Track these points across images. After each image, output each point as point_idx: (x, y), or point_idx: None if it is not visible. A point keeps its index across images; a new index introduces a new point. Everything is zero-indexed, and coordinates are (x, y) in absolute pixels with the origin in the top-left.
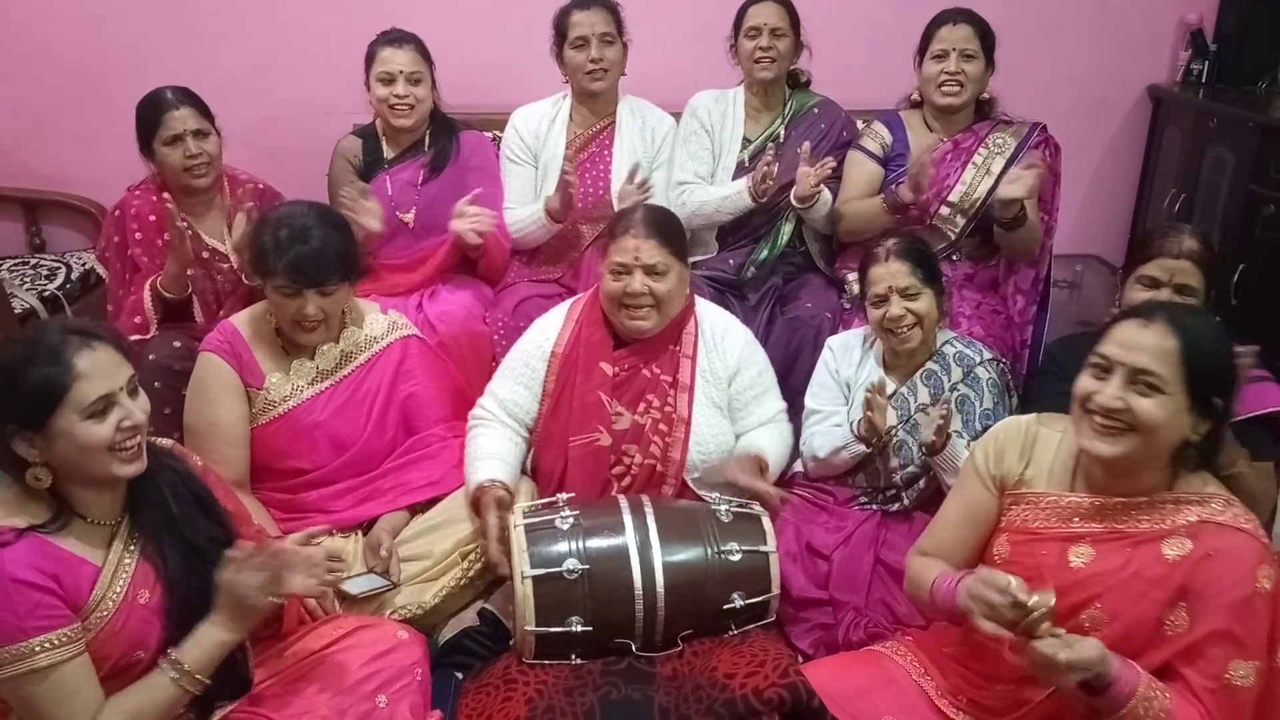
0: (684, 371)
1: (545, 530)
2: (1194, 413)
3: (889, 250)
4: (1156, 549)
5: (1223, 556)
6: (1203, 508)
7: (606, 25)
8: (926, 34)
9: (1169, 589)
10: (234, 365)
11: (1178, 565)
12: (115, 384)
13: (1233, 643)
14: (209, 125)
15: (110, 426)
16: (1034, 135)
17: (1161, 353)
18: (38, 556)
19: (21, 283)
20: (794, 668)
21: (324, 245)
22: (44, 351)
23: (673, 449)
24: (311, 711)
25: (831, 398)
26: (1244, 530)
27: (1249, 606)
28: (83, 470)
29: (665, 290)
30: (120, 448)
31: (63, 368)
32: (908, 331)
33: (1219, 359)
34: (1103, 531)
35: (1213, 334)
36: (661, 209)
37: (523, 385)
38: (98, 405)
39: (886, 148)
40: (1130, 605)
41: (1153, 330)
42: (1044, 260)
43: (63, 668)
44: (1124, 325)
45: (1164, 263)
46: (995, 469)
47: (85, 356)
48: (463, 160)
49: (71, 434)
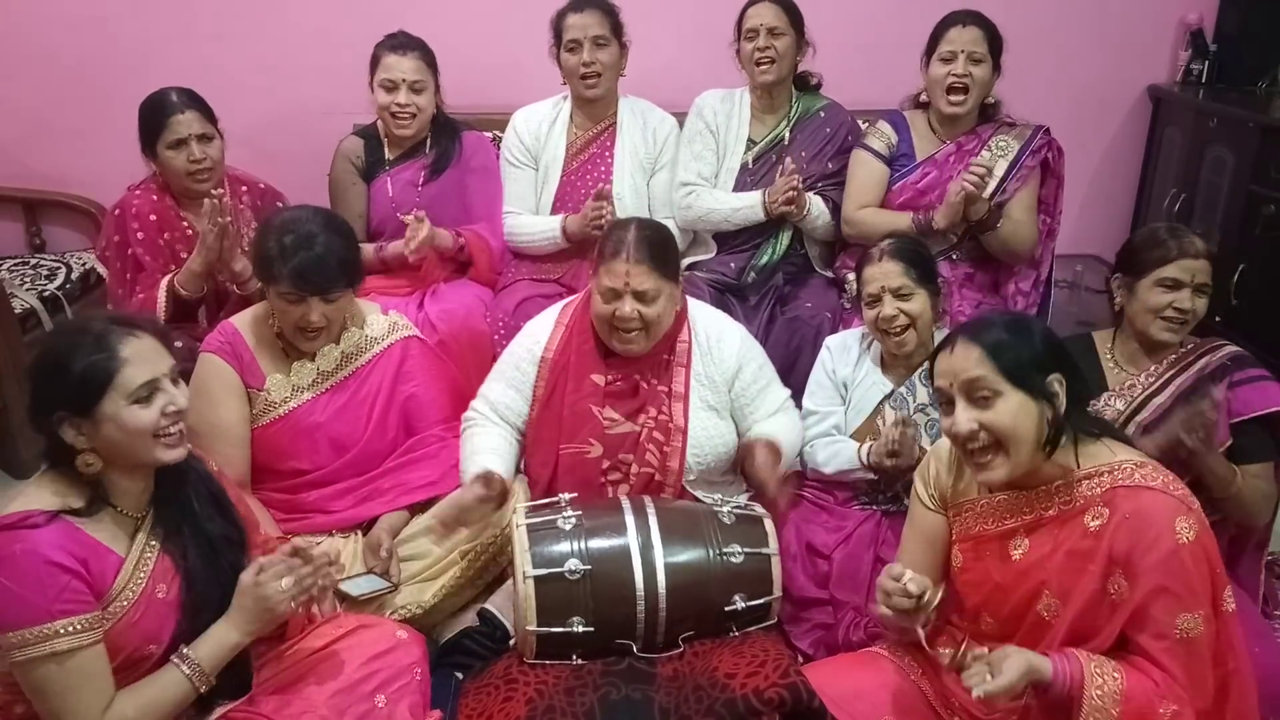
0: (678, 380)
1: (547, 530)
2: (1036, 398)
3: (883, 250)
4: (1080, 523)
5: (1138, 517)
6: (1113, 475)
7: (600, 28)
8: (935, 35)
9: (1100, 559)
10: (235, 366)
11: (1100, 533)
12: (159, 370)
13: (1171, 597)
14: (213, 129)
15: (156, 411)
16: (1037, 138)
17: (973, 362)
18: (69, 540)
19: (21, 283)
20: (794, 668)
21: (328, 252)
22: (90, 339)
23: (670, 458)
24: (310, 711)
25: (829, 398)
26: (1153, 488)
27: (1176, 559)
28: (127, 455)
29: (655, 314)
30: (164, 433)
31: (109, 354)
32: (902, 333)
33: (1025, 345)
34: (1031, 520)
35: (1009, 329)
36: (654, 226)
37: (514, 388)
38: (143, 391)
39: (892, 147)
40: (1073, 583)
41: (959, 348)
42: (1045, 262)
43: (81, 653)
44: (938, 360)
45: (1185, 264)
46: (934, 489)
47: (130, 344)
48: (464, 161)
49: (119, 418)
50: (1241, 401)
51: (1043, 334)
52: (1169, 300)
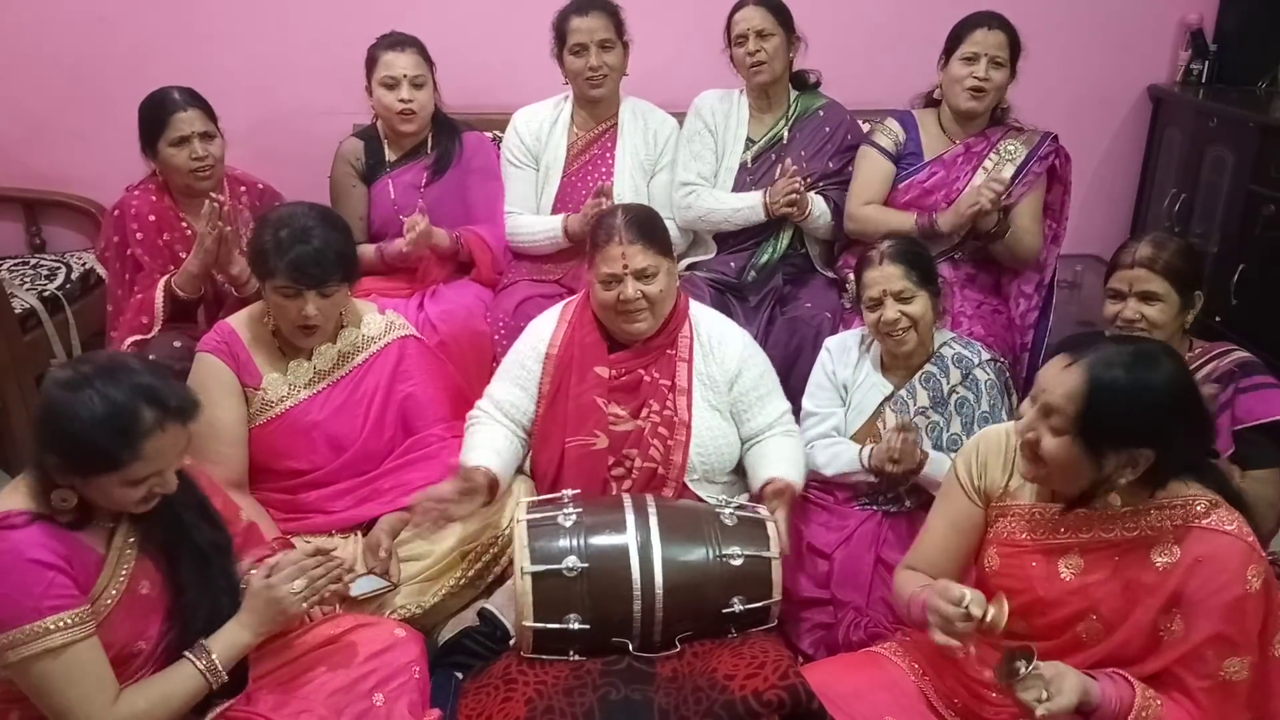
0: (680, 375)
1: (548, 526)
2: (1093, 459)
3: (883, 254)
4: (1145, 556)
5: (1210, 561)
6: (1185, 510)
7: (606, 31)
8: (957, 34)
9: (1162, 596)
10: (231, 366)
11: (1168, 573)
12: (168, 463)
13: (1227, 644)
14: (214, 128)
15: (144, 491)
16: (1045, 145)
17: (1066, 395)
18: (50, 539)
19: (21, 283)
20: (794, 669)
21: (325, 245)
22: (118, 419)
23: (674, 452)
24: (309, 710)
25: (829, 399)
26: (1229, 533)
27: (1240, 608)
28: (104, 506)
29: (658, 291)
30: (141, 503)
31: (128, 448)
32: (903, 334)
33: (1129, 414)
34: (1089, 541)
35: (1131, 386)
36: (640, 208)
37: (519, 387)
38: (141, 478)
39: (899, 145)
40: (1125, 615)
41: (1071, 371)
42: (1049, 265)
43: (75, 647)
44: (1055, 360)
45: (1121, 274)
46: (979, 481)
47: (154, 441)
48: (465, 162)
49: (107, 491)
50: (1244, 409)
51: (1166, 403)
52: (1115, 311)
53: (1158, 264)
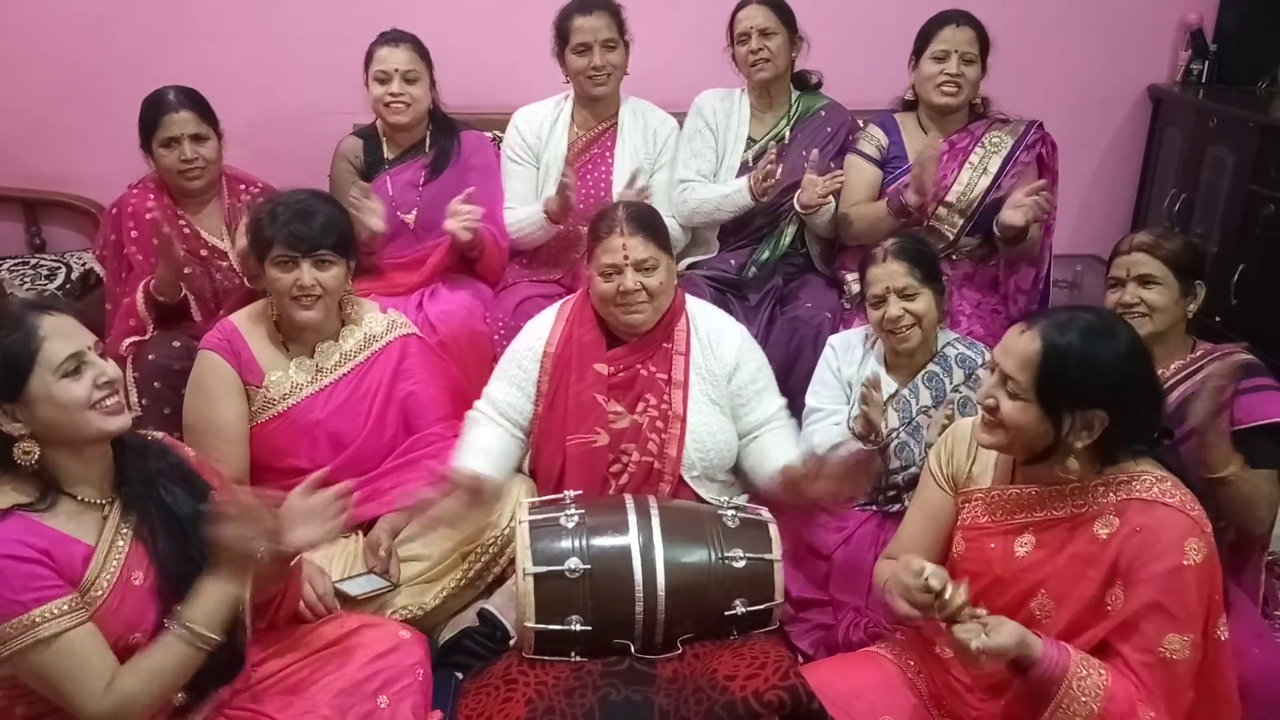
0: (677, 369)
1: (550, 527)
2: (1056, 423)
3: (886, 250)
4: (1089, 529)
5: (1149, 531)
6: (1130, 486)
7: (609, 30)
8: (925, 34)
9: (1103, 567)
10: (233, 363)
11: (1108, 543)
12: (83, 343)
13: (1164, 615)
14: (209, 130)
15: (87, 383)
16: (1030, 133)
17: (1021, 359)
18: (25, 533)
19: (21, 283)
20: (794, 670)
21: (320, 213)
22: (7, 323)
23: (669, 446)
24: (313, 711)
25: (833, 396)
26: (1169, 504)
27: (1178, 578)
28: (67, 433)
29: (657, 284)
30: (100, 403)
31: (26, 331)
32: (906, 331)
33: (1078, 372)
34: (1042, 519)
35: (1085, 345)
36: (641, 204)
37: (515, 386)
38: (70, 364)
39: (883, 150)
40: (1070, 587)
41: (1025, 336)
42: (1044, 259)
43: (68, 635)
44: (1012, 328)
45: (1119, 260)
46: (947, 469)
47: (47, 321)
48: (463, 161)
49: (50, 395)
50: (1244, 410)
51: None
52: (1115, 299)
53: (1157, 249)
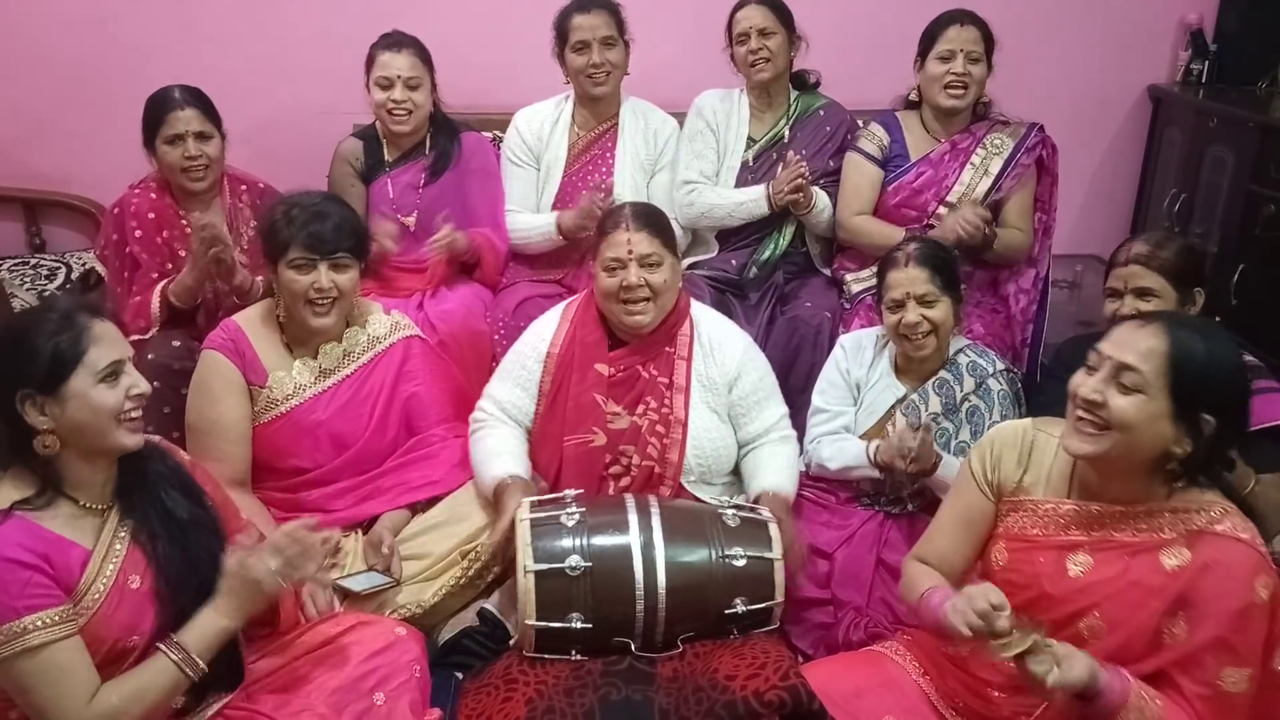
0: (679, 373)
1: (550, 525)
2: (1177, 422)
3: (909, 255)
4: (1155, 558)
5: (1220, 567)
6: (1200, 516)
7: (608, 29)
8: (930, 34)
9: (1167, 599)
10: (237, 363)
11: (1177, 575)
12: (123, 352)
13: (1228, 651)
14: (213, 128)
15: (121, 392)
16: (1031, 136)
17: (1147, 352)
18: (26, 536)
19: (21, 283)
20: (794, 670)
21: (337, 216)
22: (57, 318)
23: (670, 450)
24: (309, 709)
25: (840, 398)
26: (1242, 540)
27: (1245, 616)
28: (90, 438)
29: (660, 281)
30: (127, 417)
31: (78, 331)
32: (922, 339)
33: (1212, 372)
34: (1100, 540)
35: (1211, 348)
36: (647, 204)
37: (520, 387)
38: (109, 370)
39: (884, 149)
40: (1129, 615)
41: (1147, 330)
42: (1044, 259)
43: (55, 646)
44: (1124, 325)
45: (1117, 271)
46: (993, 475)
47: (97, 325)
48: (464, 162)
49: (85, 396)
50: None
51: (1238, 374)
52: (1112, 309)
53: (1154, 261)
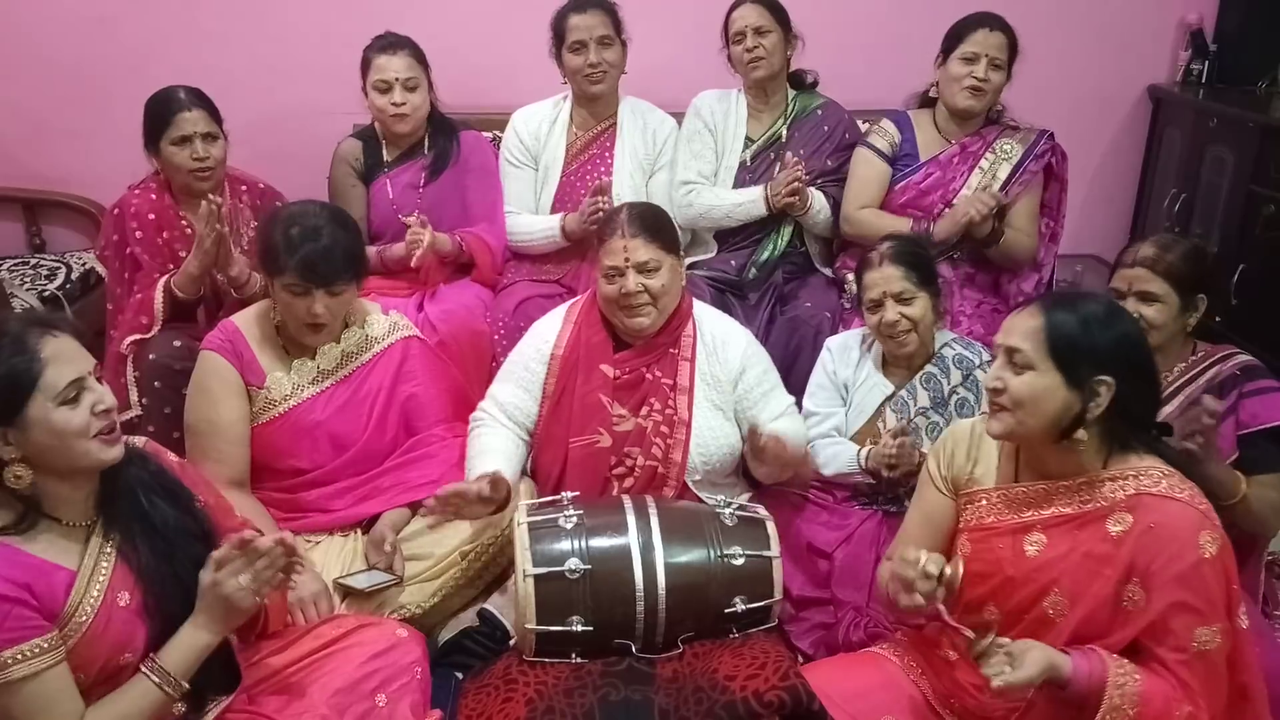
0: (683, 374)
1: (549, 529)
2: (1072, 389)
3: (883, 255)
4: (1101, 527)
5: (1163, 528)
6: (1138, 480)
7: (605, 28)
8: (957, 33)
9: (1118, 566)
10: (235, 364)
11: (1122, 541)
12: (83, 368)
13: (1191, 612)
14: (218, 129)
15: (85, 411)
16: (1041, 143)
17: (1027, 331)
18: (7, 566)
19: (21, 283)
20: (794, 670)
21: (335, 244)
22: (7, 342)
23: (674, 451)
24: (311, 711)
25: (829, 399)
26: (1179, 499)
27: (1198, 573)
28: (62, 460)
29: (660, 285)
30: (100, 431)
31: (30, 355)
32: (904, 336)
33: (1087, 335)
34: (1050, 517)
35: (1084, 313)
36: (646, 205)
37: (522, 388)
38: (70, 391)
39: (895, 146)
40: (1085, 586)
41: (1025, 313)
42: (1047, 264)
43: (38, 679)
44: (1012, 314)
45: (1122, 273)
46: (947, 471)
47: (50, 343)
48: (463, 161)
49: (47, 421)
50: (1249, 413)
51: (1121, 335)
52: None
53: (1159, 265)
